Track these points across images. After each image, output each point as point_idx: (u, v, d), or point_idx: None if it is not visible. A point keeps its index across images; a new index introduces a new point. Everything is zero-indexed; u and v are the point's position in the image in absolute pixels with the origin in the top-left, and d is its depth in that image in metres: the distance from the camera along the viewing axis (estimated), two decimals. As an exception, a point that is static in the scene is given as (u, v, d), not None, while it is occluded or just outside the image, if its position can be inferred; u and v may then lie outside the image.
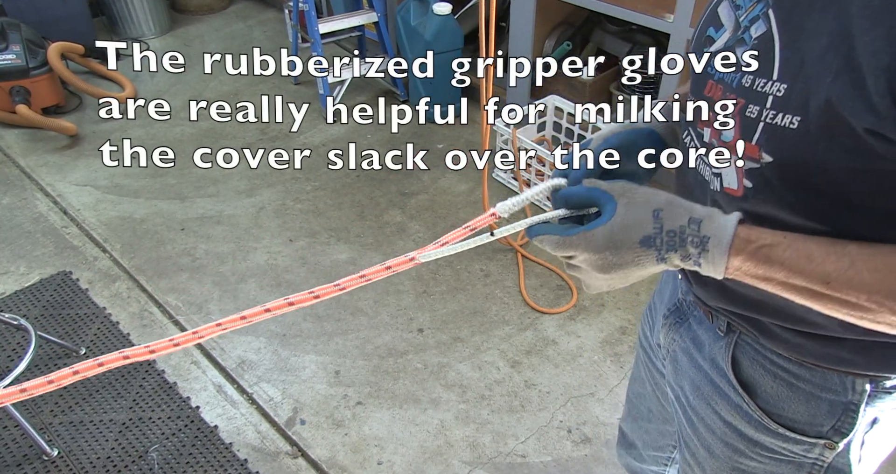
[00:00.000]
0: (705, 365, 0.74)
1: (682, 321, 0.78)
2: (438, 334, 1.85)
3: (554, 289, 1.97)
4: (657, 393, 0.92)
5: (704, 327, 0.74)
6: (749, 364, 0.69)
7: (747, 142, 0.55)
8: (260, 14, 3.64)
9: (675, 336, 0.79)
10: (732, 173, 0.58)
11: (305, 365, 1.78)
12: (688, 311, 0.78)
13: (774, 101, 0.52)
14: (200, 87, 3.04)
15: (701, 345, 0.75)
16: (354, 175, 2.50)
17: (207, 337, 0.70)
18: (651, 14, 2.05)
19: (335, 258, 2.13)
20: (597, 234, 0.54)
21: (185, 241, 2.20)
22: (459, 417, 1.63)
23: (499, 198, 2.35)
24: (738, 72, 0.55)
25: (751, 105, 0.54)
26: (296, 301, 0.67)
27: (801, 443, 0.69)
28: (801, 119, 0.50)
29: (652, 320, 0.88)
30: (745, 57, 0.55)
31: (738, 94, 0.55)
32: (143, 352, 0.70)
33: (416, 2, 2.62)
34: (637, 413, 1.01)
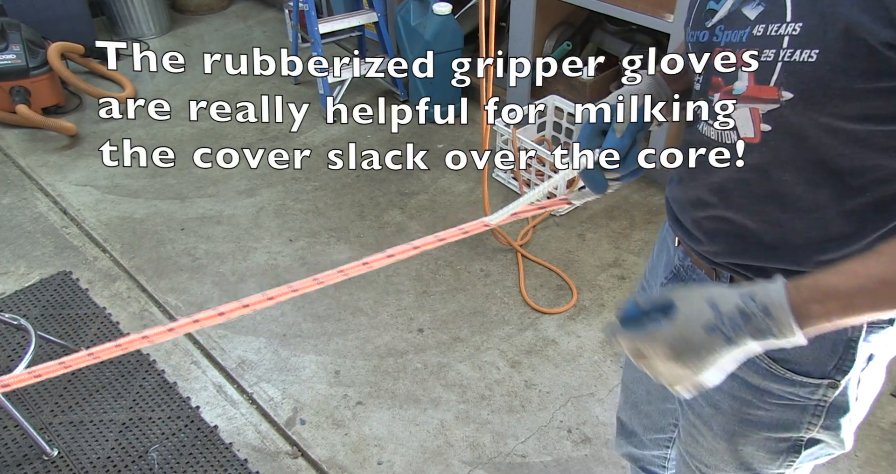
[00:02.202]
0: None
1: (681, 285, 0.81)
2: (438, 334, 1.85)
3: (554, 289, 1.97)
4: None
5: None
6: None
7: (764, 85, 0.59)
8: (260, 14, 3.64)
9: None
10: (748, 121, 0.62)
11: (305, 365, 1.78)
12: (686, 275, 0.80)
13: (791, 40, 0.57)
14: (200, 87, 3.04)
15: None
16: (354, 175, 2.50)
17: (208, 324, 0.71)
18: (651, 14, 2.05)
19: (335, 258, 2.13)
20: (664, 328, 0.60)
21: (185, 241, 2.20)
22: (459, 417, 1.63)
23: (499, 199, 2.36)
24: (746, 27, 0.60)
25: (766, 50, 0.58)
26: (299, 287, 0.69)
27: (806, 386, 0.72)
28: (820, 50, 0.55)
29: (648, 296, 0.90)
30: (750, 13, 0.60)
31: (749, 47, 0.60)
32: (138, 340, 0.70)
33: (416, 2, 2.62)
34: (635, 398, 1.03)
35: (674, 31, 2.01)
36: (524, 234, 2.17)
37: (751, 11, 0.61)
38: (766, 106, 0.60)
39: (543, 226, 2.22)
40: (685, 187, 0.76)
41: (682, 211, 0.77)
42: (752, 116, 0.62)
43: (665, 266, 0.86)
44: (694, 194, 0.74)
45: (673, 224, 0.81)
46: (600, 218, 2.24)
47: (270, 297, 0.70)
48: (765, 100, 0.60)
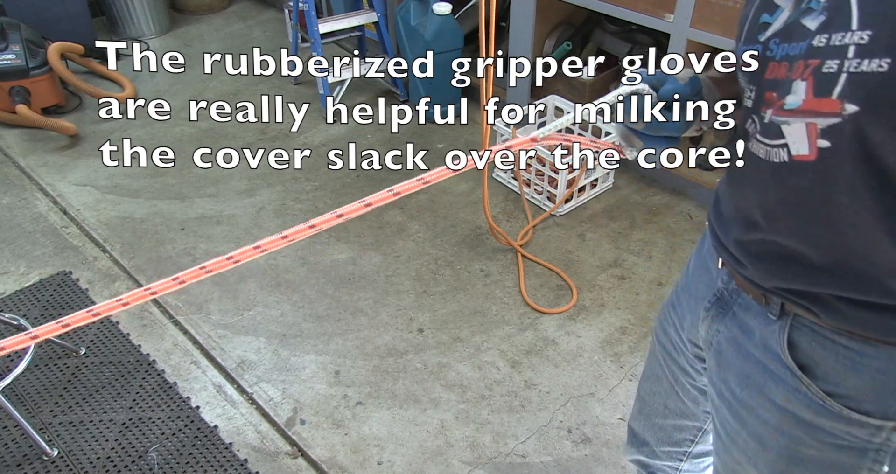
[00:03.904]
0: (756, 353, 0.72)
1: (725, 311, 0.76)
2: (438, 334, 1.85)
3: (554, 289, 1.97)
4: (676, 389, 0.91)
5: (753, 313, 0.72)
6: (807, 345, 0.67)
7: (824, 98, 0.55)
8: (260, 14, 3.64)
9: (719, 327, 0.77)
10: (803, 137, 0.58)
11: (305, 366, 1.78)
12: (731, 300, 0.76)
13: (858, 50, 0.53)
14: (200, 86, 3.04)
15: (750, 332, 0.73)
16: (354, 175, 2.50)
17: (190, 281, 0.70)
18: (651, 14, 2.05)
19: (335, 258, 2.13)
20: None
21: (184, 241, 2.19)
22: (459, 417, 1.63)
23: (499, 198, 2.36)
24: (805, 39, 0.57)
25: (828, 61, 0.55)
26: (290, 234, 0.69)
27: (866, 426, 0.66)
28: (892, 60, 0.51)
29: (679, 316, 0.86)
30: (811, 23, 0.57)
31: (809, 57, 0.56)
32: (115, 305, 0.70)
33: (416, 2, 2.62)
34: (650, 410, 1.00)
35: (674, 31, 2.00)
36: (524, 234, 2.17)
37: (811, 22, 0.57)
38: (825, 120, 0.56)
39: (543, 226, 2.22)
40: (730, 207, 0.72)
41: (726, 232, 0.73)
42: (807, 132, 0.57)
43: (706, 287, 0.80)
44: (739, 215, 0.70)
45: (716, 245, 0.76)
46: (600, 218, 2.24)
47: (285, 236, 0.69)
48: (825, 113, 0.56)
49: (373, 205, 0.69)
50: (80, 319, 0.70)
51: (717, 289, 0.78)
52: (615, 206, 2.29)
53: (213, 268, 0.69)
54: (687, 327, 0.84)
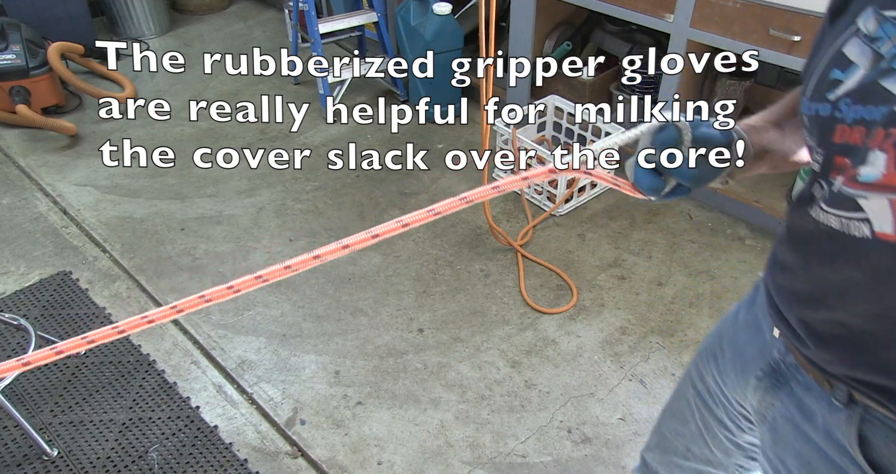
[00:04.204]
0: (818, 439, 0.64)
1: (781, 384, 0.69)
2: (438, 334, 1.85)
3: (554, 289, 1.97)
4: (706, 437, 0.86)
5: (815, 395, 0.65)
6: (883, 444, 0.58)
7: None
8: (260, 14, 3.64)
9: (773, 401, 0.70)
10: (887, 213, 0.50)
11: (305, 366, 1.78)
12: (789, 374, 0.68)
13: None
14: (200, 86, 3.04)
15: (811, 415, 0.65)
16: (354, 175, 2.50)
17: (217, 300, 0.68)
18: (651, 14, 2.05)
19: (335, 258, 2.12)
20: None
21: (184, 241, 2.19)
22: (459, 417, 1.63)
23: (499, 198, 2.36)
24: (885, 103, 0.50)
25: None
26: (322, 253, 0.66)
27: None
28: None
29: (719, 369, 0.80)
30: (893, 86, 0.50)
31: (891, 125, 0.49)
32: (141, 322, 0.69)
33: (416, 2, 2.62)
34: (670, 448, 0.94)
35: (673, 31, 2.00)
36: (524, 234, 2.17)
37: (894, 85, 0.50)
38: None
39: (543, 226, 2.22)
40: (794, 278, 0.63)
41: (788, 305, 0.65)
42: (892, 209, 0.50)
43: (758, 352, 0.73)
44: (805, 289, 0.62)
45: (774, 316, 0.68)
46: (600, 218, 2.24)
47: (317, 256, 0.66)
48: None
49: (410, 224, 0.64)
50: (105, 336, 0.69)
51: (772, 359, 0.71)
52: (615, 206, 2.29)
53: (242, 288, 0.67)
54: (731, 384, 0.78)
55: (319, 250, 0.66)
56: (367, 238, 0.65)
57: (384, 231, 0.65)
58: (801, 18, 1.72)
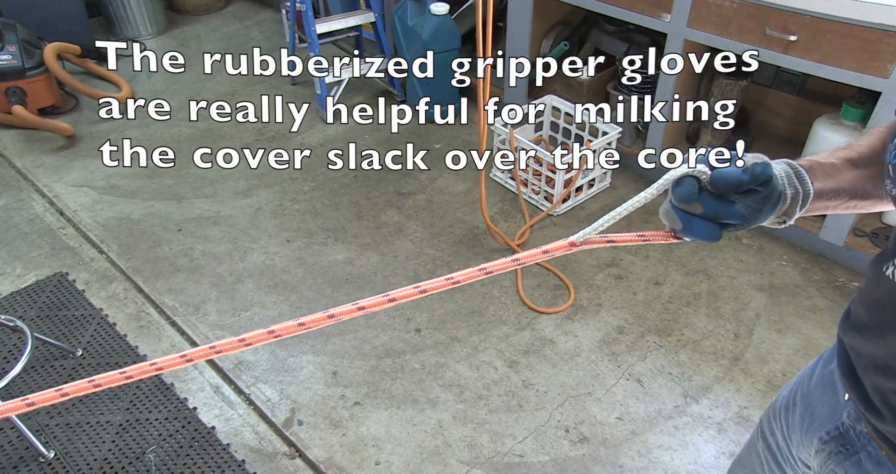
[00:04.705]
0: None
1: (847, 453, 0.64)
2: (436, 334, 1.85)
3: (551, 289, 1.97)
4: None
5: (885, 471, 0.61)
6: None
7: None
8: (257, 14, 3.63)
9: (836, 469, 0.66)
10: None
11: (303, 366, 1.78)
12: (857, 443, 0.63)
13: None
14: (198, 87, 3.04)
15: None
16: (352, 175, 2.50)
17: (255, 343, 0.66)
18: (648, 14, 2.05)
19: (332, 258, 2.12)
20: None
21: (182, 242, 2.19)
22: (457, 417, 1.63)
23: (496, 198, 2.36)
24: None
25: None
26: (367, 305, 0.64)
27: None
28: None
29: (789, 425, 0.76)
30: None
31: None
32: (178, 361, 0.67)
33: (414, 2, 2.62)
34: None
35: (671, 31, 2.01)
36: (521, 234, 2.17)
37: None
38: None
39: (541, 226, 2.22)
40: (868, 341, 0.59)
41: (863, 369, 0.60)
42: None
43: (829, 412, 0.68)
44: (881, 355, 0.57)
45: (846, 378, 0.63)
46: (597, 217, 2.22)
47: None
48: None
49: (461, 282, 0.63)
50: (143, 372, 0.65)
51: (840, 423, 0.66)
52: (612, 206, 2.26)
53: (282, 333, 0.64)
54: (796, 443, 0.74)
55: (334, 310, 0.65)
56: (352, 309, 0.64)
57: (370, 304, 0.64)
58: (798, 18, 1.73)
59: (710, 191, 0.57)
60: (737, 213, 0.56)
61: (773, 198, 0.58)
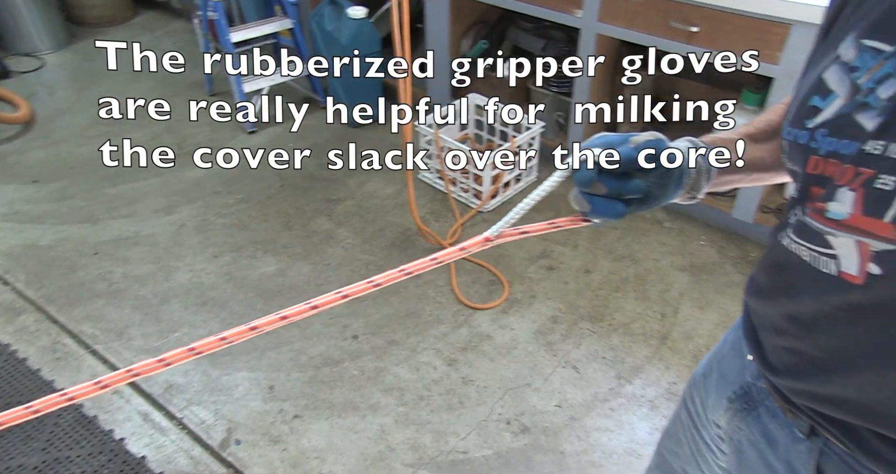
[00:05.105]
0: (779, 467, 0.64)
1: (749, 409, 0.68)
2: (373, 339, 1.83)
3: (486, 285, 1.99)
4: (697, 459, 0.85)
5: (779, 422, 0.64)
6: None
7: (874, 219, 0.46)
8: (167, 25, 3.50)
9: (740, 424, 0.70)
10: (853, 255, 0.49)
11: (238, 384, 1.72)
12: (758, 399, 0.68)
13: None
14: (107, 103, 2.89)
15: (774, 443, 0.65)
16: (278, 185, 2.44)
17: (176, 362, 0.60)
18: (560, 10, 2.10)
19: (263, 271, 2.07)
20: None
21: (99, 266, 2.07)
22: (399, 420, 1.61)
23: (426, 199, 2.36)
24: (857, 139, 0.48)
25: (883, 175, 0.45)
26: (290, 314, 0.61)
27: None
28: None
29: (706, 390, 0.79)
30: (867, 122, 0.47)
31: (860, 164, 0.47)
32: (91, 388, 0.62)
33: (331, 6, 2.59)
34: (668, 469, 0.93)
35: (583, 26, 2.07)
36: (453, 233, 2.18)
37: (867, 121, 0.47)
38: (878, 244, 0.46)
39: (472, 224, 2.24)
40: (765, 303, 0.62)
41: (762, 329, 0.64)
42: (859, 251, 0.48)
43: (737, 373, 0.72)
44: (774, 316, 0.61)
45: (748, 338, 0.67)
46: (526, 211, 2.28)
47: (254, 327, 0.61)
48: (875, 236, 0.46)
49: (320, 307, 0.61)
50: (52, 404, 0.59)
51: (745, 382, 0.70)
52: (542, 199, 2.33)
53: (204, 349, 0.61)
54: (710, 406, 0.77)
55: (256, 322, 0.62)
56: (275, 319, 0.61)
57: (293, 313, 0.61)
58: (698, 10, 1.81)
59: (610, 172, 0.59)
60: (637, 188, 0.59)
61: (674, 172, 0.61)
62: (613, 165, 0.58)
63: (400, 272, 0.64)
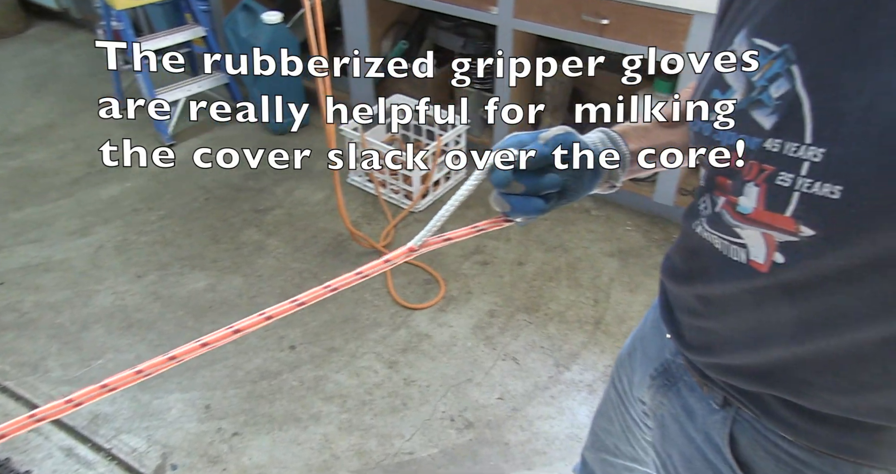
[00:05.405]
0: (698, 438, 0.67)
1: (670, 384, 0.72)
2: (312, 348, 1.80)
3: (422, 285, 1.99)
4: (627, 435, 0.89)
5: (697, 396, 0.68)
6: (749, 444, 0.62)
7: (777, 213, 0.48)
8: (67, 37, 3.31)
9: (662, 400, 0.73)
10: (760, 245, 0.51)
11: (171, 406, 1.64)
12: (677, 375, 0.71)
13: (812, 168, 0.44)
14: (4, 121, 2.71)
15: (693, 415, 0.68)
16: (203, 198, 2.35)
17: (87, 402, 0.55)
18: (476, 7, 2.13)
19: (191, 288, 1.99)
20: None
21: (6, 296, 1.94)
22: (342, 427, 1.59)
23: (357, 203, 2.33)
24: (757, 135, 0.49)
25: (783, 172, 0.47)
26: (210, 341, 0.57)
27: None
28: (844, 188, 0.43)
29: (631, 368, 0.82)
30: (763, 120, 0.48)
31: (762, 161, 0.49)
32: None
33: (244, 13, 2.52)
34: (601, 446, 0.97)
35: (499, 23, 2.10)
36: (386, 235, 2.16)
37: (763, 119, 0.48)
38: (781, 236, 0.49)
39: (404, 224, 2.24)
40: (682, 286, 0.65)
41: (679, 309, 0.68)
42: (765, 242, 0.50)
43: (658, 350, 0.75)
44: (688, 296, 0.64)
45: (665, 317, 0.70)
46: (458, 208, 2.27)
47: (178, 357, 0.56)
48: (779, 229, 0.48)
49: (306, 303, 0.59)
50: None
51: (665, 359, 0.73)
52: (470, 195, 2.34)
53: (118, 385, 0.55)
54: (636, 384, 0.81)
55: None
56: (196, 346, 0.58)
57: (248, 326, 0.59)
58: (607, 4, 1.87)
59: (525, 170, 0.59)
60: (553, 182, 0.59)
61: (588, 164, 0.61)
62: (527, 164, 0.58)
63: (325, 288, 0.62)
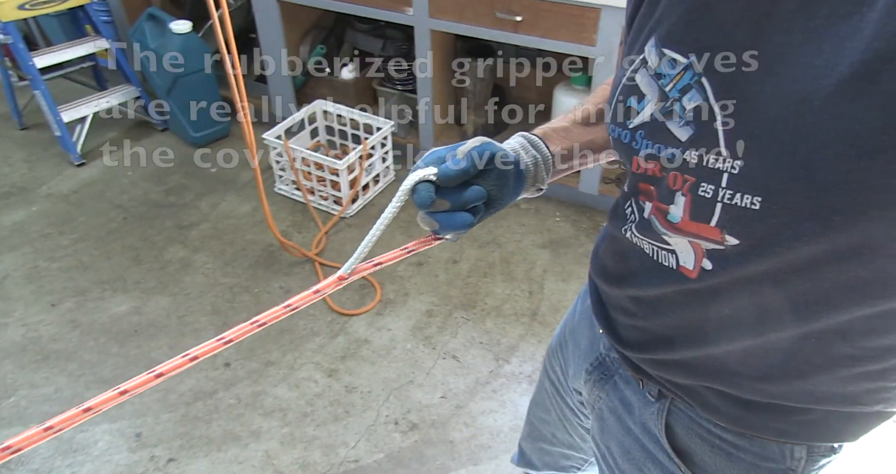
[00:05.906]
0: (636, 429, 0.69)
1: (606, 378, 0.74)
2: (247, 363, 1.74)
3: (357, 290, 1.97)
4: (564, 424, 0.90)
5: (633, 389, 0.70)
6: (684, 432, 0.65)
7: (703, 223, 0.48)
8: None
9: (599, 393, 0.75)
10: (689, 253, 0.52)
11: (97, 439, 1.56)
12: (612, 369, 0.73)
13: (731, 179, 0.45)
14: None
15: (630, 407, 0.70)
16: (120, 218, 2.24)
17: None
18: (391, 9, 2.12)
19: (114, 312, 1.89)
20: None
21: None
22: (284, 441, 1.55)
23: (286, 213, 2.28)
24: (675, 146, 0.49)
25: (703, 183, 0.47)
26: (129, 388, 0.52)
27: None
28: (763, 199, 0.43)
29: (564, 360, 0.83)
30: (678, 131, 0.49)
31: (683, 172, 0.49)
32: None
33: (151, 22, 2.42)
34: (538, 435, 0.98)
35: (416, 23, 2.10)
36: (318, 242, 2.13)
37: (678, 130, 0.48)
38: (708, 244, 0.49)
39: (336, 230, 2.21)
40: (614, 287, 0.66)
41: (611, 308, 0.68)
42: (693, 249, 0.51)
43: (590, 344, 0.76)
44: (620, 296, 0.65)
45: (597, 313, 0.71)
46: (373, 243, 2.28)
47: None
48: (705, 238, 0.49)
49: (233, 340, 0.56)
50: None
51: (599, 354, 0.75)
52: (402, 197, 2.34)
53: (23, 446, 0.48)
54: (571, 375, 0.81)
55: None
56: (114, 395, 0.53)
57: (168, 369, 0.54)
58: (520, 1, 1.91)
59: (447, 187, 0.58)
60: (477, 195, 0.58)
61: (511, 171, 0.60)
62: (447, 181, 0.57)
63: (252, 324, 0.59)
